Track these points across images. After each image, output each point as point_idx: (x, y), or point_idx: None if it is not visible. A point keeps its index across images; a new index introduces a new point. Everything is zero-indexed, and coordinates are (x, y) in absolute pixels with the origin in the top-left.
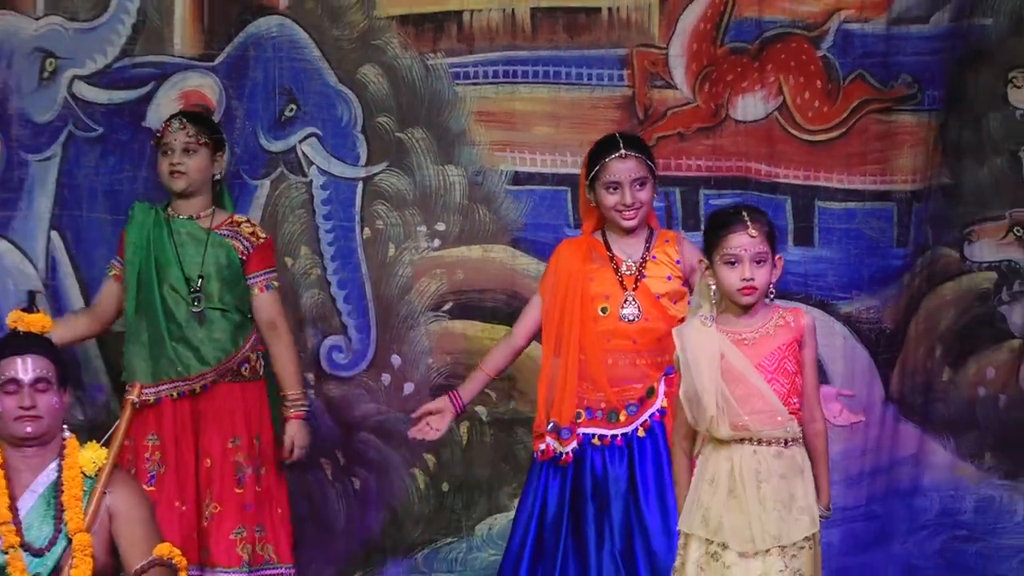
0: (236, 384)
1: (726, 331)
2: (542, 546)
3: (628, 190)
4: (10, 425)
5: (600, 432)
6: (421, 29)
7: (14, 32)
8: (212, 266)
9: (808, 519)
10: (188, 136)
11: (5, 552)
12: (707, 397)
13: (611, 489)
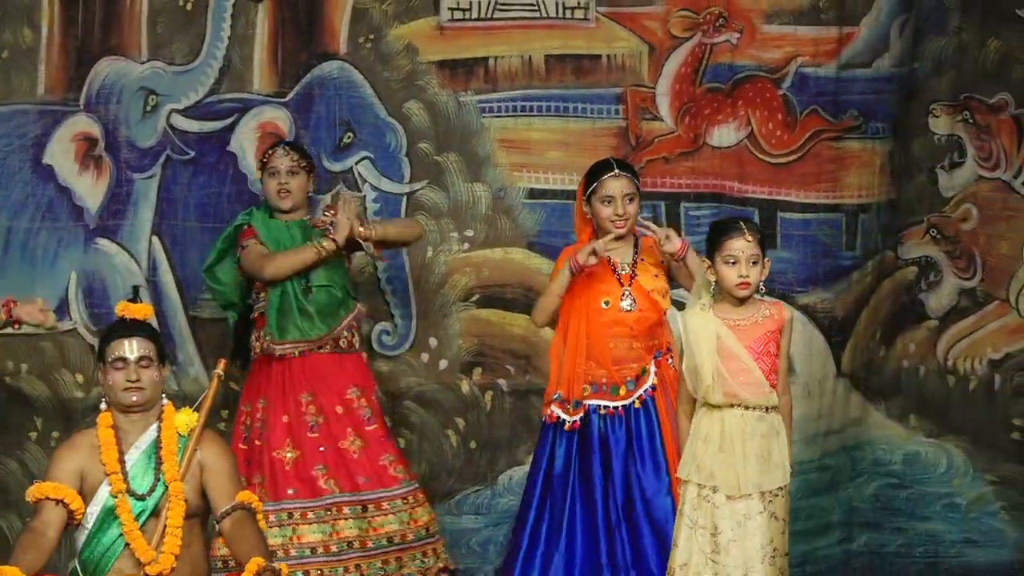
0: (336, 355)
1: (722, 317)
2: (552, 495)
3: (620, 203)
4: (119, 395)
5: (604, 403)
6: (455, 72)
7: (124, 74)
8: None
9: (781, 472)
10: (292, 161)
11: (115, 496)
12: (704, 370)
13: (613, 449)
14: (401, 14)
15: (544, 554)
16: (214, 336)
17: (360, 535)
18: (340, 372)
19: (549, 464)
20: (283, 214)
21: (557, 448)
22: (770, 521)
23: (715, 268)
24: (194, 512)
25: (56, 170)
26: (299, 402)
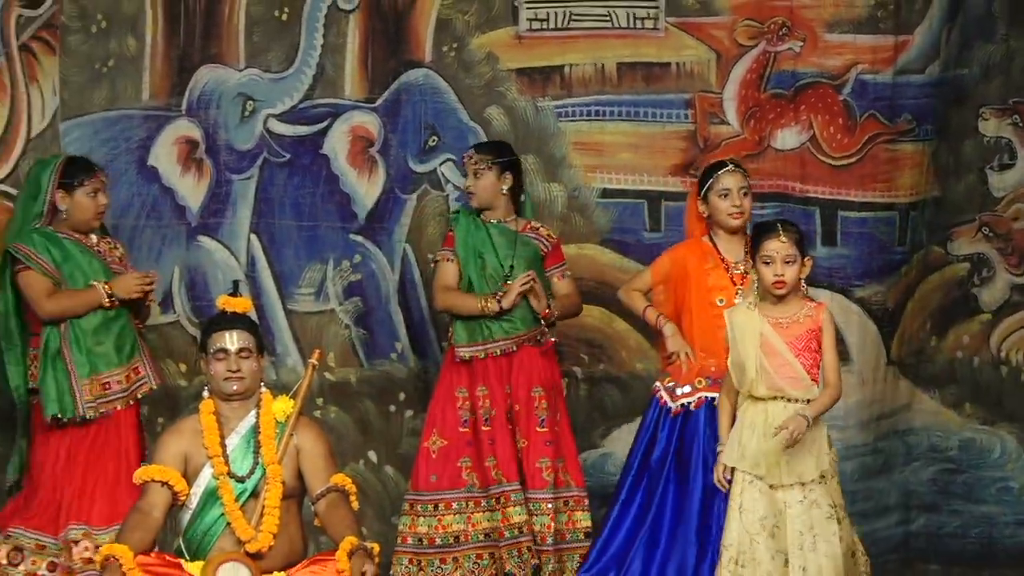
0: (535, 349)
1: (766, 315)
2: (650, 473)
3: (737, 195)
4: (220, 384)
5: (716, 395)
6: (532, 79)
7: (223, 81)
8: (521, 259)
9: (814, 462)
10: (475, 163)
11: (217, 479)
12: (748, 364)
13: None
14: (482, 24)
15: (630, 529)
16: (309, 328)
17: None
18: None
19: (650, 444)
20: (483, 211)
21: (660, 431)
22: (811, 509)
23: (756, 268)
24: (291, 493)
25: (160, 171)
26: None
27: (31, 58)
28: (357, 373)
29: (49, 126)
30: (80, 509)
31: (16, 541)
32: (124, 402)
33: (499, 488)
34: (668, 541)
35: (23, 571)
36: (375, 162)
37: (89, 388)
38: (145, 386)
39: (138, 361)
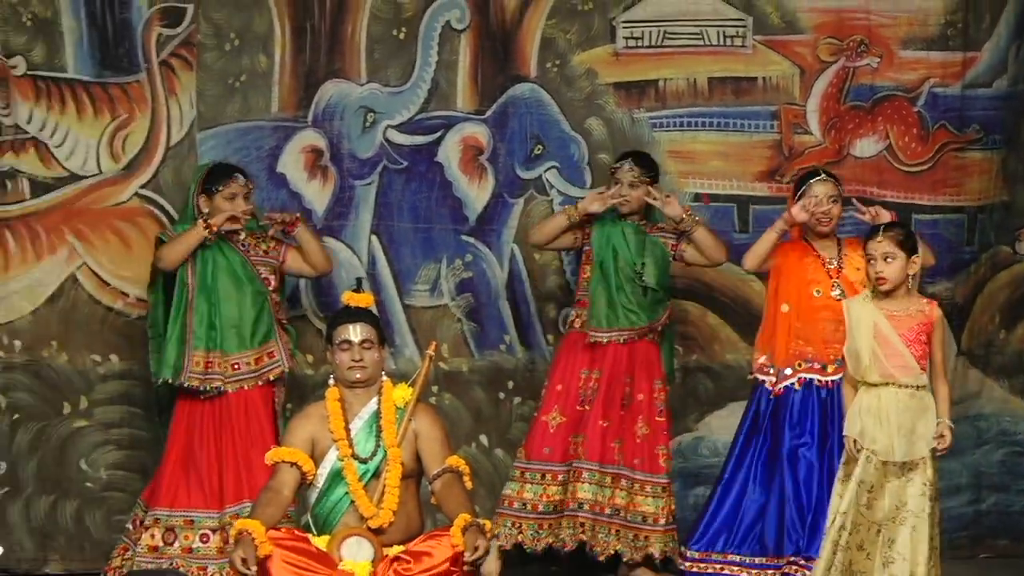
0: (653, 345)
1: (881, 307)
2: (753, 449)
3: (825, 203)
4: (345, 373)
5: (817, 377)
6: (629, 92)
7: (346, 95)
8: (651, 258)
9: (924, 444)
10: (634, 175)
11: (342, 460)
12: (863, 352)
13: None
14: (583, 42)
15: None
16: (424, 322)
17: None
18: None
19: (754, 425)
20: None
21: (764, 412)
22: (907, 485)
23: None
24: (409, 474)
25: (288, 178)
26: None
27: (170, 73)
28: (469, 363)
29: (187, 136)
30: (240, 489)
31: (167, 522)
32: (252, 382)
33: (579, 464)
34: (774, 512)
35: (179, 548)
36: (485, 169)
37: (201, 359)
38: (277, 369)
39: (273, 346)
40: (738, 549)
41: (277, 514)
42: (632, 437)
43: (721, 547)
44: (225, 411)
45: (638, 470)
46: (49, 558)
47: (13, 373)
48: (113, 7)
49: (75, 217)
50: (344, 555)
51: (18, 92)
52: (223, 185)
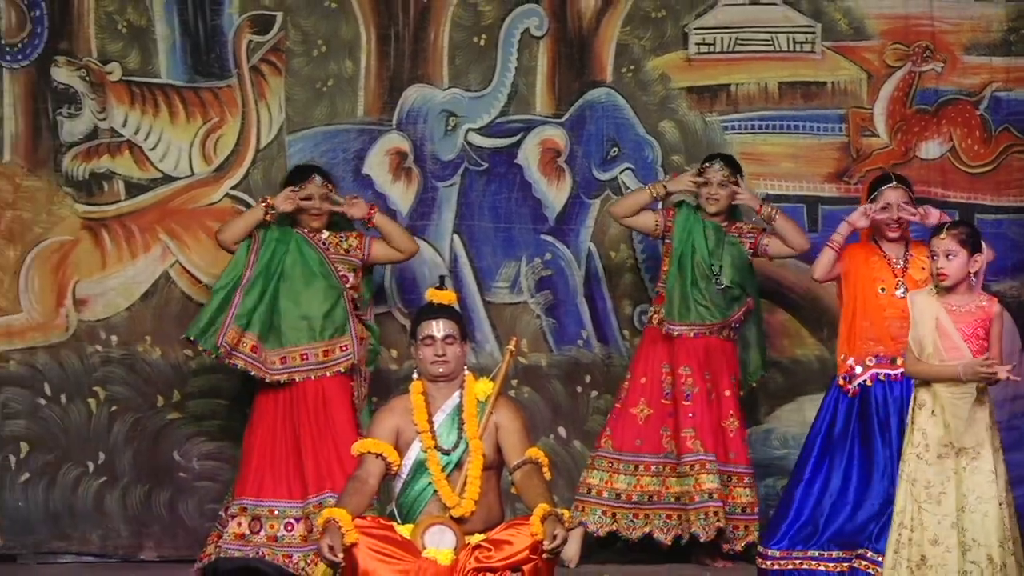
0: (728, 343)
1: (943, 302)
2: (832, 448)
3: (896, 209)
4: (428, 367)
5: (886, 371)
6: (701, 96)
7: (429, 99)
8: (728, 257)
9: (983, 430)
10: (723, 176)
11: (425, 451)
12: (926, 342)
13: (891, 407)
14: (656, 48)
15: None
16: (504, 318)
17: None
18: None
19: (831, 423)
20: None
21: (839, 411)
22: (974, 475)
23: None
24: (490, 465)
25: (373, 179)
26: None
27: (260, 78)
28: (547, 358)
29: (275, 139)
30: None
31: (253, 512)
32: (321, 372)
33: (695, 456)
34: (852, 510)
35: (264, 536)
36: (563, 171)
37: (238, 337)
38: (347, 361)
39: (346, 340)
40: (818, 547)
41: (363, 503)
42: (725, 432)
43: (803, 546)
44: (301, 402)
45: (731, 463)
46: (144, 545)
47: (110, 367)
48: (205, 15)
49: (168, 217)
50: (427, 543)
51: (114, 97)
52: (299, 185)
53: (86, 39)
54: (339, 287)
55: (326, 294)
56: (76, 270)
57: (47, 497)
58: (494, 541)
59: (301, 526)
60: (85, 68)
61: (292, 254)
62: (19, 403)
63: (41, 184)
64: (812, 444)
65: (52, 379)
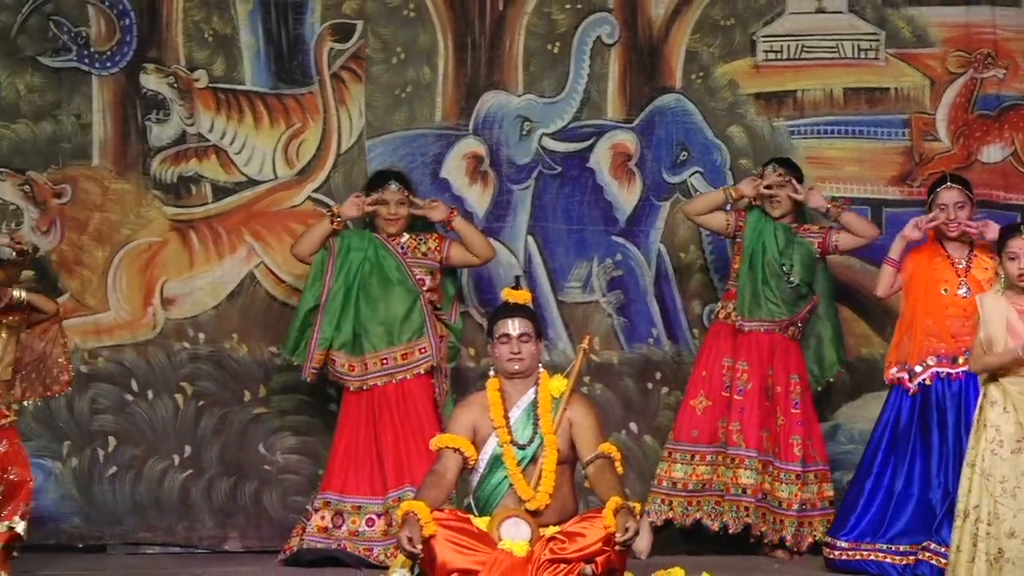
0: (792, 342)
1: (1012, 302)
2: (897, 444)
3: (952, 210)
4: (504, 364)
5: (947, 370)
6: (769, 102)
7: (504, 105)
8: (797, 256)
9: None
10: (780, 176)
11: (501, 446)
12: (996, 342)
13: (948, 404)
14: (725, 55)
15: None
16: (577, 317)
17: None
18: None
19: (896, 419)
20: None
21: (903, 410)
22: None
23: (1002, 263)
24: (564, 459)
25: (450, 182)
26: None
27: (341, 85)
28: (619, 355)
29: (356, 143)
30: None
31: (336, 506)
32: (402, 375)
33: (737, 451)
34: (917, 503)
35: (346, 531)
36: (633, 174)
37: (321, 357)
38: (427, 363)
39: (424, 341)
40: (886, 539)
41: (441, 496)
42: (774, 427)
43: (871, 538)
44: (383, 402)
45: (777, 459)
46: (228, 536)
47: (198, 363)
48: (288, 24)
49: (253, 219)
50: (503, 535)
51: (200, 103)
52: (374, 191)
53: (174, 47)
54: (416, 291)
55: (403, 299)
56: (164, 270)
57: (134, 489)
58: (568, 533)
59: (381, 521)
60: (173, 75)
61: (369, 261)
62: (107, 399)
63: (129, 187)
64: (878, 440)
65: (139, 375)
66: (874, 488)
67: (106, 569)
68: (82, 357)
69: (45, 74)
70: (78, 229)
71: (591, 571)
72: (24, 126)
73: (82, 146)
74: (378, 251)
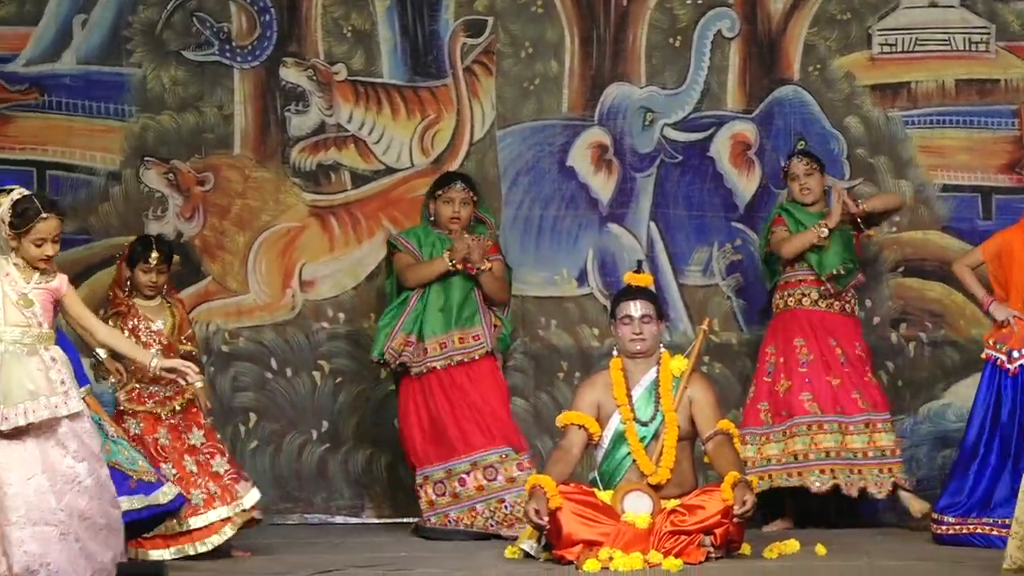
0: (849, 318)
1: None
2: (1001, 424)
3: None
4: (626, 345)
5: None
6: (884, 93)
7: (627, 96)
8: (836, 237)
9: None
10: (807, 166)
11: (624, 423)
12: None
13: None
14: (842, 48)
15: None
16: (697, 299)
17: (836, 447)
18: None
19: (997, 401)
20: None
21: (1004, 391)
22: None
23: None
24: (684, 436)
25: (576, 170)
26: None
27: (473, 78)
28: (737, 336)
29: (487, 134)
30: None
31: (433, 478)
32: (459, 358)
33: (812, 418)
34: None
35: (449, 495)
36: (752, 163)
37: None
38: (481, 349)
39: (478, 328)
40: (991, 514)
41: (566, 470)
42: (863, 387)
43: (977, 513)
44: (449, 381)
45: (871, 411)
46: (365, 506)
47: (337, 342)
48: (423, 20)
49: (390, 205)
50: (626, 508)
51: (340, 96)
52: (442, 190)
53: (313, 42)
54: (471, 283)
55: (460, 289)
56: (302, 254)
57: (274, 463)
58: (688, 506)
59: (471, 479)
60: (312, 68)
61: (434, 256)
62: (248, 377)
63: (269, 175)
64: (982, 423)
65: (278, 354)
66: (981, 466)
67: (248, 539)
68: (223, 337)
69: (189, 68)
70: (220, 215)
71: (710, 542)
72: (168, 117)
73: (224, 136)
74: (440, 244)
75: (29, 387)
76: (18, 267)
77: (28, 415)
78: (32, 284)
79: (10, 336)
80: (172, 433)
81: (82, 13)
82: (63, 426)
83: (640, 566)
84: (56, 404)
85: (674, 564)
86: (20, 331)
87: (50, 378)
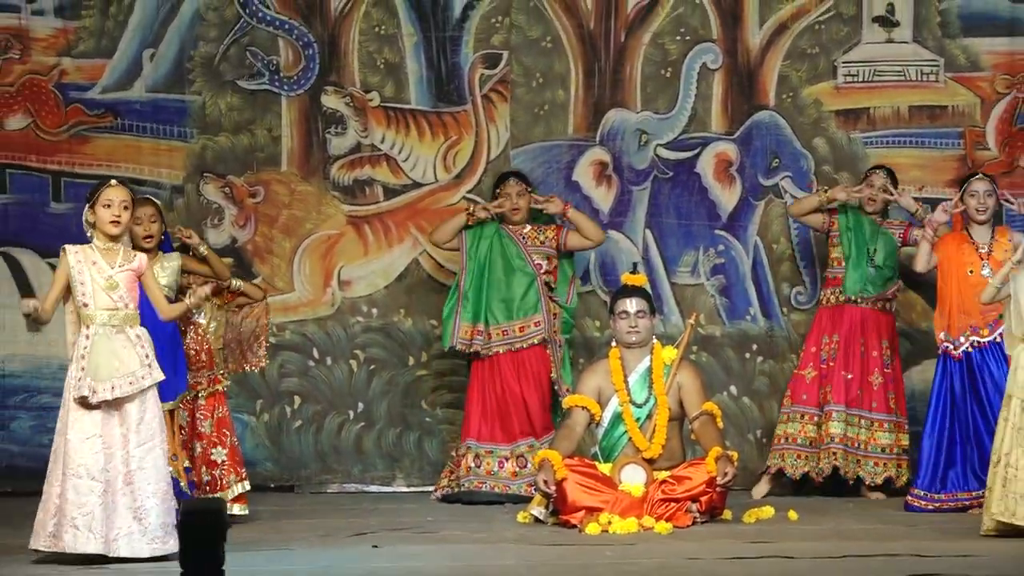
0: (885, 315)
1: None
2: (956, 406)
3: (982, 197)
4: (623, 336)
5: (978, 339)
6: (847, 117)
7: (625, 120)
8: (881, 245)
9: None
10: (883, 181)
11: (621, 405)
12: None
13: (991, 368)
14: (811, 78)
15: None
16: (686, 297)
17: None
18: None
19: (949, 384)
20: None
21: (953, 375)
22: None
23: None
24: (674, 416)
25: (580, 184)
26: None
27: (490, 104)
28: (721, 329)
29: (502, 153)
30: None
31: (475, 450)
32: (519, 345)
33: (828, 407)
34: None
35: (483, 470)
36: (734, 178)
37: (469, 330)
38: (539, 336)
39: (538, 317)
40: (958, 487)
41: (571, 446)
42: (869, 385)
43: (938, 488)
44: (508, 367)
45: (874, 411)
46: (396, 476)
47: (370, 334)
48: (446, 53)
49: (417, 215)
50: (623, 479)
51: (373, 120)
52: (499, 188)
53: (350, 73)
54: (532, 274)
55: (521, 280)
56: (340, 257)
57: (316, 440)
58: (677, 477)
59: (509, 464)
60: (350, 96)
61: (495, 248)
62: (293, 364)
63: (312, 189)
64: (937, 403)
65: (319, 345)
66: (945, 442)
67: (294, 506)
68: (272, 330)
69: (242, 95)
70: (269, 224)
71: (696, 508)
72: (224, 138)
73: (273, 155)
74: (502, 239)
75: (116, 364)
76: (102, 252)
77: (115, 390)
78: (116, 268)
79: (100, 319)
80: (191, 416)
81: (151, 48)
82: (133, 402)
83: (635, 529)
84: (142, 376)
85: (664, 527)
86: (108, 314)
87: (136, 354)
